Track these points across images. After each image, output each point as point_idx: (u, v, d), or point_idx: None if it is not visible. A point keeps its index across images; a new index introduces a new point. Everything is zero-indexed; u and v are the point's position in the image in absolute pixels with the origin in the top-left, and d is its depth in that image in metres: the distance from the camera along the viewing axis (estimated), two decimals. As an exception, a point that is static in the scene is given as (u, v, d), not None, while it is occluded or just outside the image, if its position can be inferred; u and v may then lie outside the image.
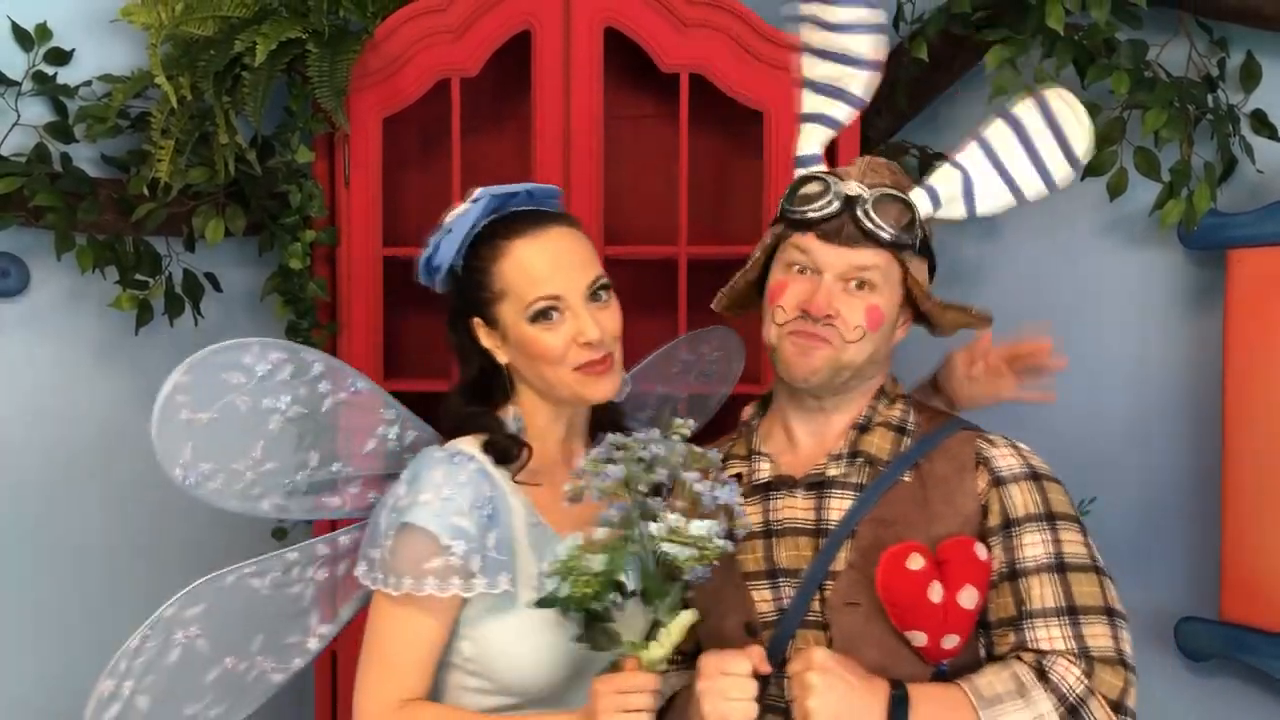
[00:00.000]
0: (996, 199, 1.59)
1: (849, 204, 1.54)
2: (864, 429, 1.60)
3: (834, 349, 1.54)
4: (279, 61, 2.25)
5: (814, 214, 1.54)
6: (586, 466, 1.48)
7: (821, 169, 1.61)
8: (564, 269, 1.60)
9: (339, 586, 1.72)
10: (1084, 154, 1.56)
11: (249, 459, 1.59)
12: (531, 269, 1.60)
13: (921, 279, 1.59)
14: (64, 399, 2.56)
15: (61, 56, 2.48)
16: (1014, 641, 1.49)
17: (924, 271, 1.61)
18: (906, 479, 1.56)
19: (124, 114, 2.42)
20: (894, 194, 1.55)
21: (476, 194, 1.65)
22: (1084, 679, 1.43)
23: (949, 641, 1.48)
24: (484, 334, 1.66)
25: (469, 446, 1.64)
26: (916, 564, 1.48)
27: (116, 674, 1.55)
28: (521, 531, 1.60)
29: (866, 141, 2.45)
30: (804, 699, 1.42)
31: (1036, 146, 1.56)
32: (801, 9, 1.64)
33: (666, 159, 2.42)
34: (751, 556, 1.58)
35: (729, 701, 1.44)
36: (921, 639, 1.48)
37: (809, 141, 1.63)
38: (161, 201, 2.37)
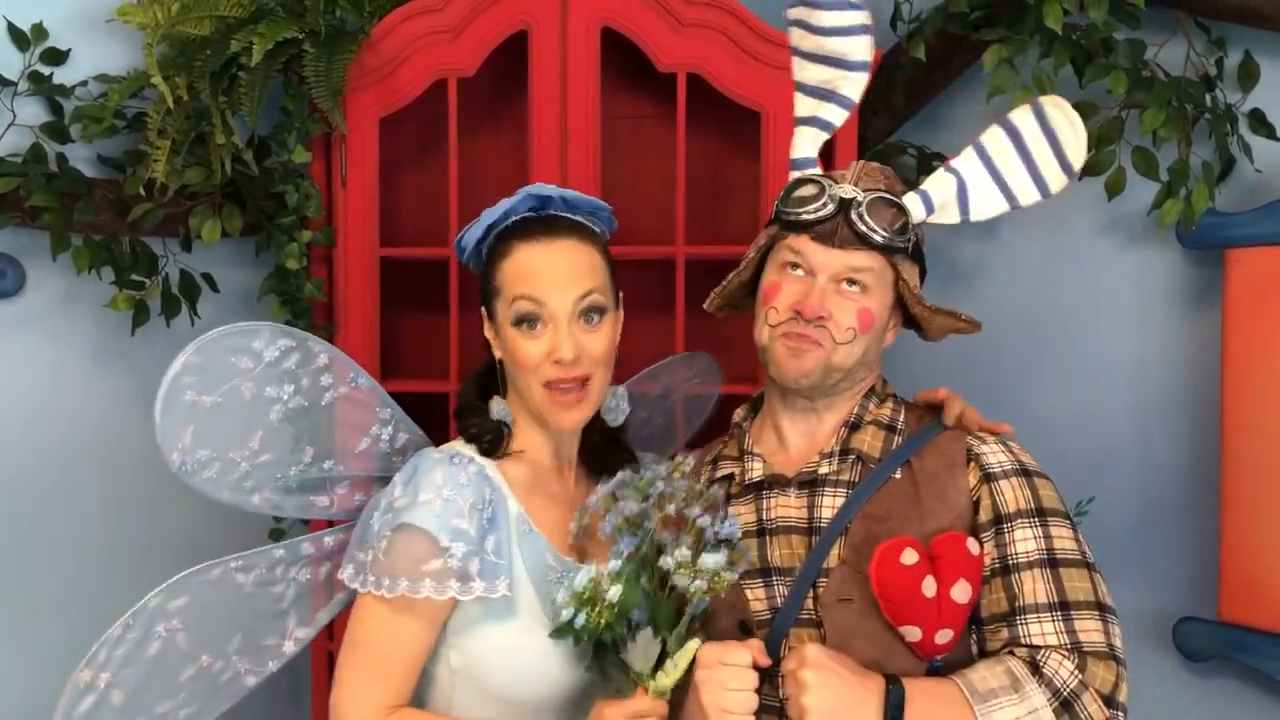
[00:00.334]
0: (991, 205, 1.60)
1: (844, 206, 1.55)
2: (855, 427, 1.61)
3: (825, 351, 1.55)
4: (275, 61, 2.24)
5: (809, 216, 1.56)
6: (598, 504, 1.51)
7: (816, 172, 1.63)
8: (555, 280, 1.59)
9: (319, 589, 1.71)
10: (1079, 164, 1.58)
11: (247, 449, 1.58)
12: (523, 273, 1.61)
13: (913, 282, 1.60)
14: (60, 399, 2.56)
15: (57, 56, 2.47)
16: (1007, 637, 1.49)
17: (915, 275, 1.62)
18: (897, 476, 1.57)
19: (120, 114, 2.42)
20: (888, 197, 1.57)
21: (521, 191, 1.65)
22: (1077, 673, 1.44)
23: (943, 636, 1.49)
24: (486, 326, 1.68)
25: (467, 448, 1.63)
26: (910, 559, 1.48)
27: (95, 664, 1.55)
28: (514, 536, 1.60)
29: (864, 142, 2.44)
30: (799, 696, 1.42)
31: (1033, 155, 1.58)
32: (789, 14, 1.67)
33: (664, 159, 2.42)
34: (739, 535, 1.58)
35: (728, 692, 1.45)
36: (916, 634, 1.49)
37: (803, 144, 1.65)
38: (158, 202, 2.37)
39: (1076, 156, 1.57)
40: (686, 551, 1.45)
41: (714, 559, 1.46)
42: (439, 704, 1.61)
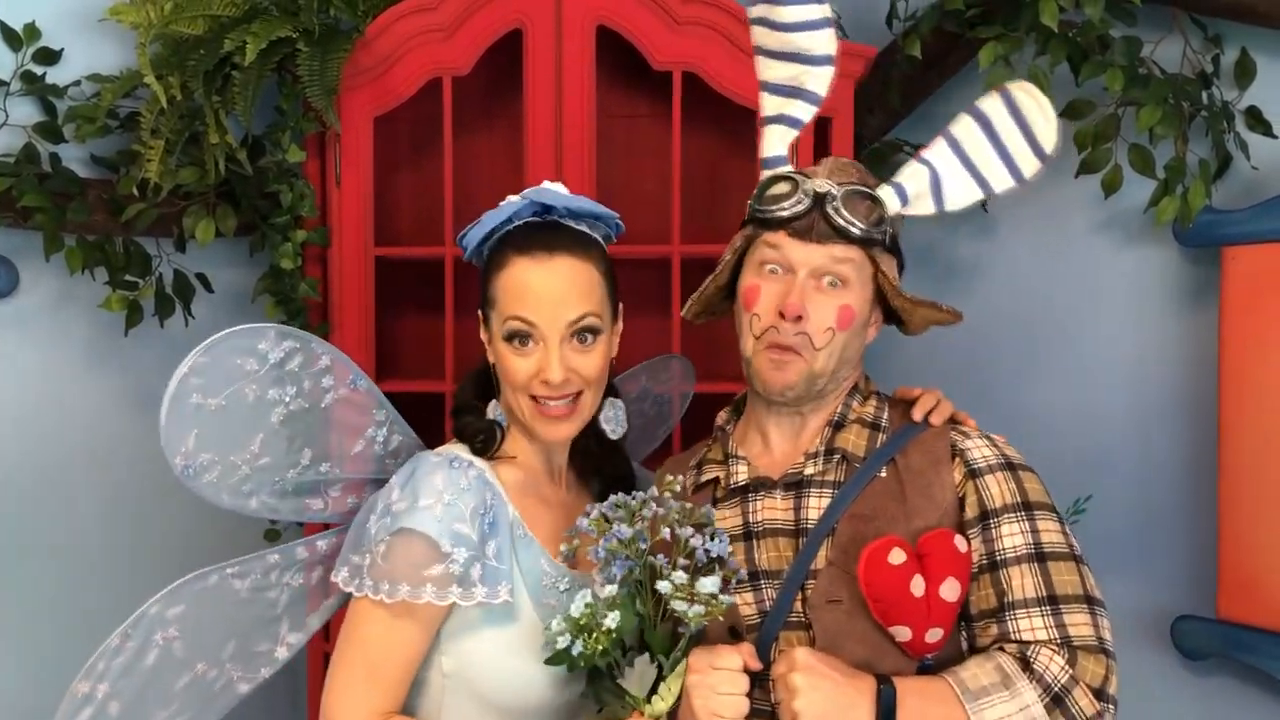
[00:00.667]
0: (965, 194, 1.60)
1: (819, 201, 1.55)
2: (839, 426, 1.61)
3: (805, 361, 1.55)
4: (269, 60, 2.24)
5: (784, 212, 1.55)
6: (589, 527, 1.49)
7: (789, 169, 1.62)
8: (548, 301, 1.58)
9: (312, 594, 1.70)
10: (1050, 147, 1.57)
11: (247, 452, 1.57)
12: (518, 290, 1.59)
13: (892, 275, 1.59)
14: (53, 400, 2.55)
15: (50, 56, 2.47)
16: (996, 633, 1.49)
17: (894, 268, 1.61)
18: (883, 474, 1.56)
19: (113, 114, 2.41)
20: (863, 190, 1.56)
21: (527, 192, 1.64)
22: (1067, 668, 1.44)
23: (933, 635, 1.48)
24: (482, 329, 1.66)
25: (465, 451, 1.62)
26: (898, 558, 1.47)
27: (93, 675, 1.54)
28: (510, 540, 1.58)
29: (859, 140, 2.44)
30: (790, 700, 1.41)
31: (1004, 141, 1.57)
32: (751, 12, 1.66)
33: (659, 158, 2.41)
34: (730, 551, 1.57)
35: (719, 696, 1.44)
36: (906, 634, 1.48)
37: (773, 143, 1.64)
38: (151, 202, 2.36)
39: (1048, 140, 1.56)
40: (683, 575, 1.44)
41: (710, 582, 1.44)
42: (429, 710, 1.61)
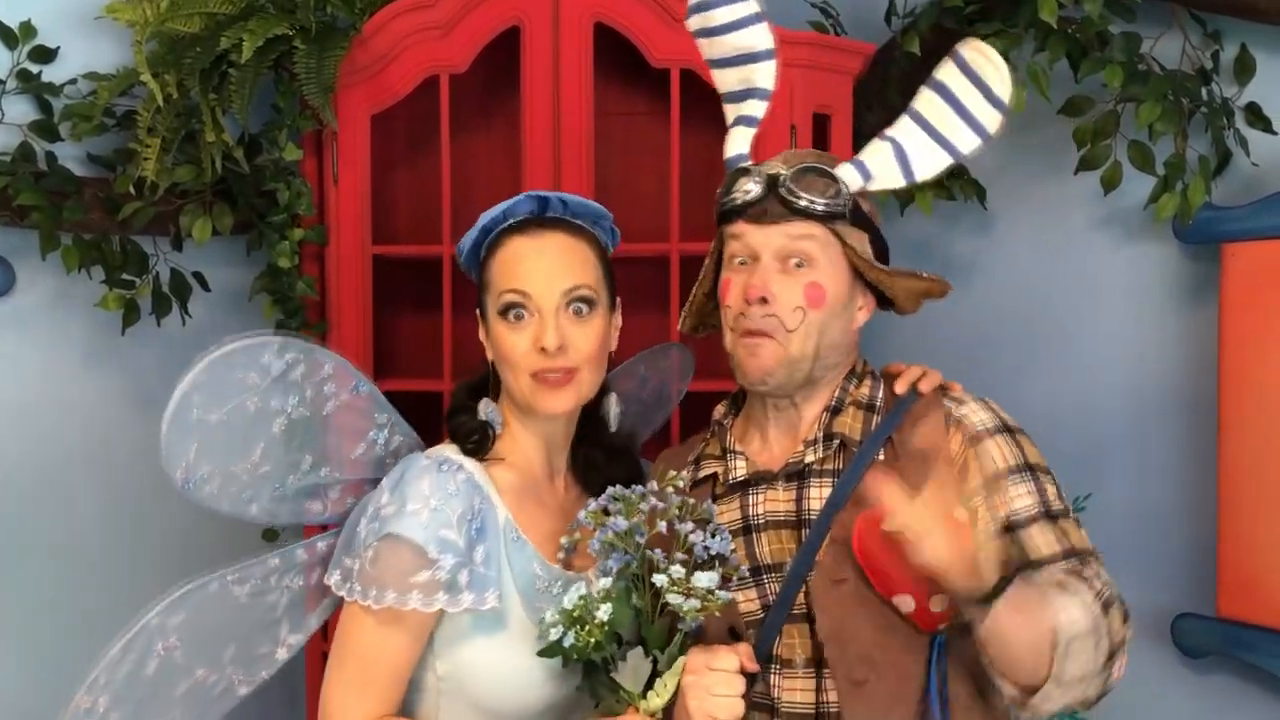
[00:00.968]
0: (933, 163, 1.59)
1: (771, 183, 1.56)
2: (836, 411, 1.60)
3: (779, 343, 1.54)
4: (266, 58, 2.23)
5: (741, 199, 1.57)
6: (587, 519, 1.48)
7: (748, 163, 1.63)
8: (541, 270, 1.58)
9: (312, 594, 1.69)
10: (1008, 97, 1.56)
11: (248, 462, 1.56)
12: (511, 265, 1.59)
13: (861, 249, 1.58)
14: (50, 399, 2.55)
15: (46, 54, 2.46)
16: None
17: (864, 242, 1.59)
18: (881, 457, 1.55)
19: (109, 112, 2.40)
20: (815, 166, 1.57)
21: (521, 194, 1.64)
22: (1107, 586, 1.45)
23: (937, 604, 1.46)
24: (480, 329, 1.66)
25: (456, 453, 1.61)
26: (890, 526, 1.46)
27: (95, 688, 1.51)
28: (503, 545, 1.58)
29: (859, 136, 2.43)
30: (923, 543, 1.35)
31: (964, 104, 1.56)
32: (689, 28, 1.68)
33: (658, 155, 2.41)
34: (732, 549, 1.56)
35: (715, 697, 1.44)
36: (909, 604, 1.47)
37: (734, 143, 1.65)
38: (148, 200, 2.36)
39: (1004, 91, 1.55)
40: (680, 569, 1.43)
41: (707, 578, 1.43)
42: (425, 711, 1.60)
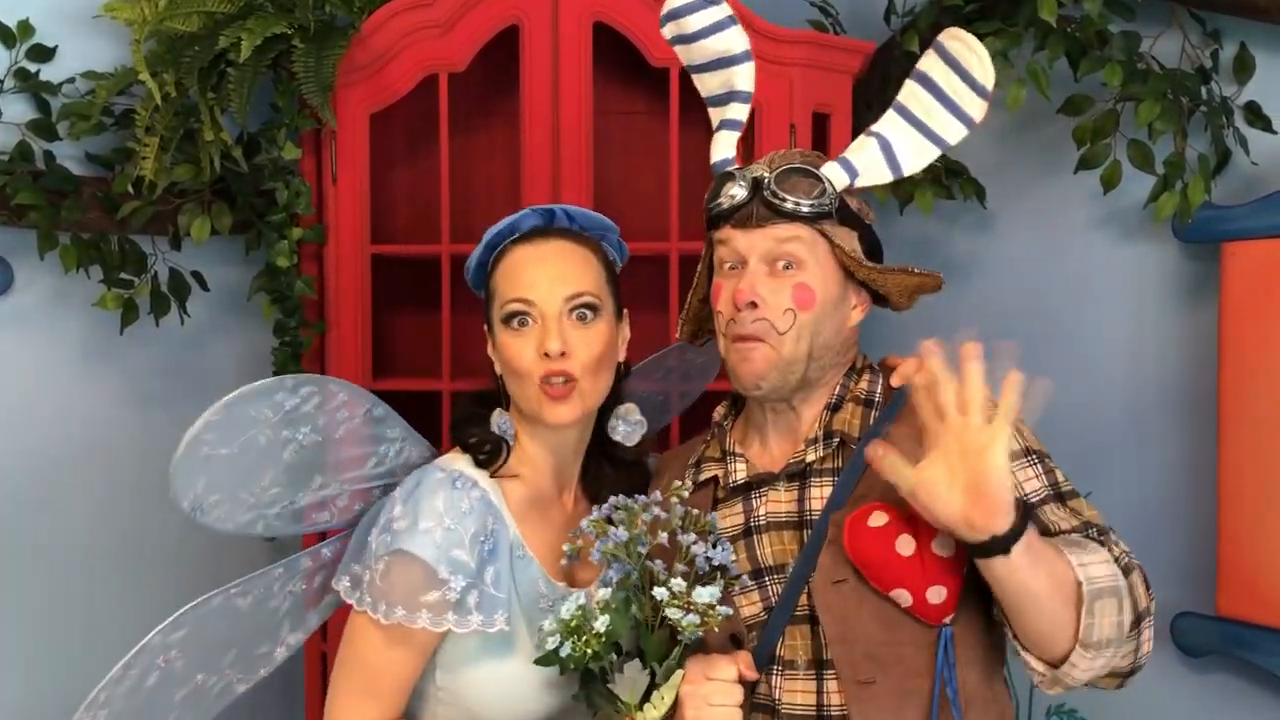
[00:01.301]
0: (920, 155, 1.59)
1: (756, 186, 1.56)
2: (836, 409, 1.60)
3: (771, 346, 1.53)
4: (264, 57, 2.23)
5: (727, 204, 1.57)
6: (588, 528, 1.48)
7: (734, 167, 1.62)
8: (544, 276, 1.58)
9: (313, 596, 1.69)
10: (990, 83, 1.55)
11: (257, 487, 1.56)
12: (514, 273, 1.59)
13: (849, 247, 1.57)
14: (48, 398, 2.54)
15: (44, 53, 2.45)
16: None
17: (853, 241, 1.58)
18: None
19: (108, 111, 2.40)
20: (799, 167, 1.57)
21: (527, 209, 1.65)
22: (1126, 554, 1.45)
23: (935, 595, 1.45)
24: (488, 343, 1.65)
25: (470, 468, 1.60)
26: (879, 520, 1.46)
27: (95, 705, 1.50)
28: (509, 561, 1.57)
29: (859, 136, 2.43)
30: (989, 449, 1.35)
31: (948, 94, 1.57)
32: (665, 37, 1.70)
33: (657, 155, 2.41)
34: (737, 560, 1.55)
35: (712, 708, 1.43)
36: (906, 597, 1.46)
37: (720, 148, 1.65)
38: (146, 199, 2.36)
39: (986, 77, 1.55)
40: (681, 583, 1.42)
41: (708, 593, 1.43)
42: (424, 717, 1.61)
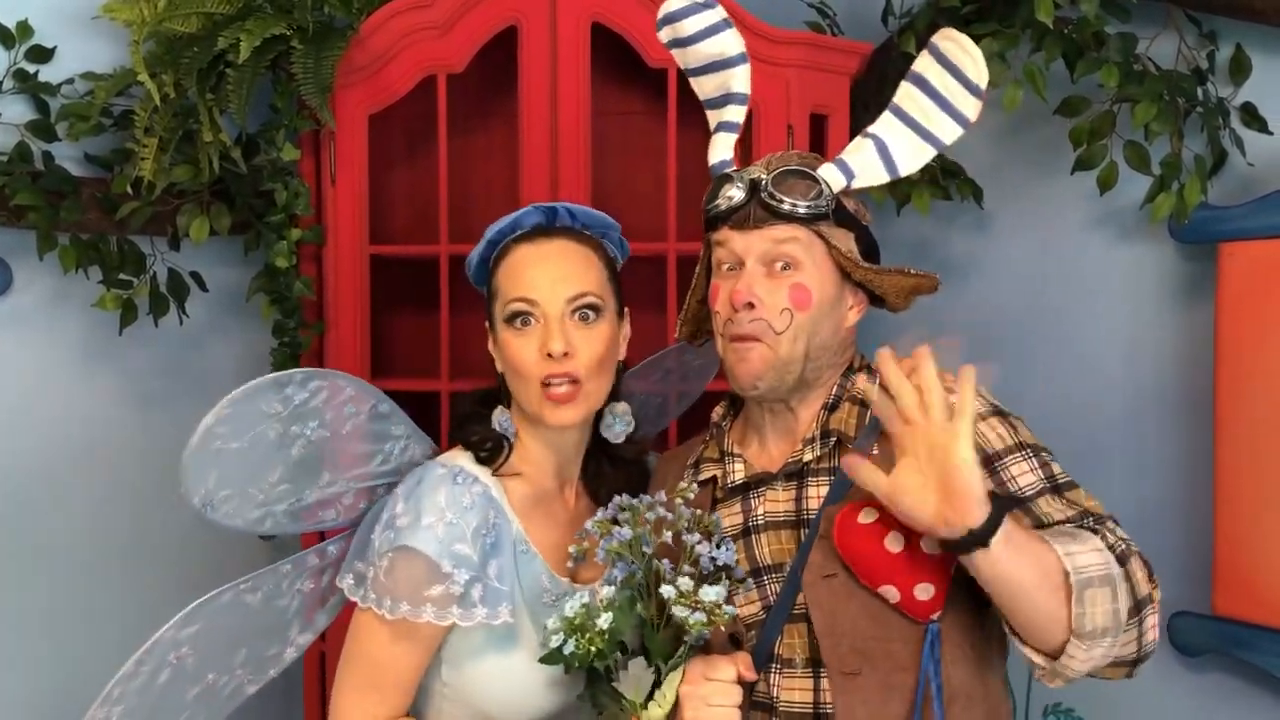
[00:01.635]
0: (916, 156, 1.60)
1: (753, 188, 1.57)
2: (833, 408, 1.60)
3: (768, 346, 1.54)
4: (263, 58, 2.23)
5: (724, 205, 1.58)
6: (593, 528, 1.49)
7: (732, 169, 1.63)
8: (547, 276, 1.58)
9: (320, 594, 1.69)
10: (984, 82, 1.56)
11: (266, 483, 1.57)
12: (517, 272, 1.60)
13: (846, 248, 1.58)
14: (48, 399, 2.54)
15: (43, 54, 2.45)
16: None
17: (849, 242, 1.59)
18: (875, 451, 1.54)
19: (107, 112, 2.40)
20: (796, 169, 1.57)
21: (529, 206, 1.65)
22: (1124, 541, 1.44)
23: (923, 592, 1.46)
24: (489, 340, 1.66)
25: (471, 464, 1.61)
26: (868, 518, 1.46)
27: (109, 701, 1.51)
28: (512, 556, 1.58)
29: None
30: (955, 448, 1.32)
31: (942, 94, 1.57)
32: (661, 40, 1.70)
33: (655, 155, 2.41)
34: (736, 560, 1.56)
35: (711, 708, 1.44)
36: (894, 594, 1.46)
37: (718, 150, 1.66)
38: (145, 200, 2.36)
39: (979, 76, 1.56)
40: (689, 582, 1.43)
41: (714, 591, 1.43)
42: (427, 714, 1.61)
